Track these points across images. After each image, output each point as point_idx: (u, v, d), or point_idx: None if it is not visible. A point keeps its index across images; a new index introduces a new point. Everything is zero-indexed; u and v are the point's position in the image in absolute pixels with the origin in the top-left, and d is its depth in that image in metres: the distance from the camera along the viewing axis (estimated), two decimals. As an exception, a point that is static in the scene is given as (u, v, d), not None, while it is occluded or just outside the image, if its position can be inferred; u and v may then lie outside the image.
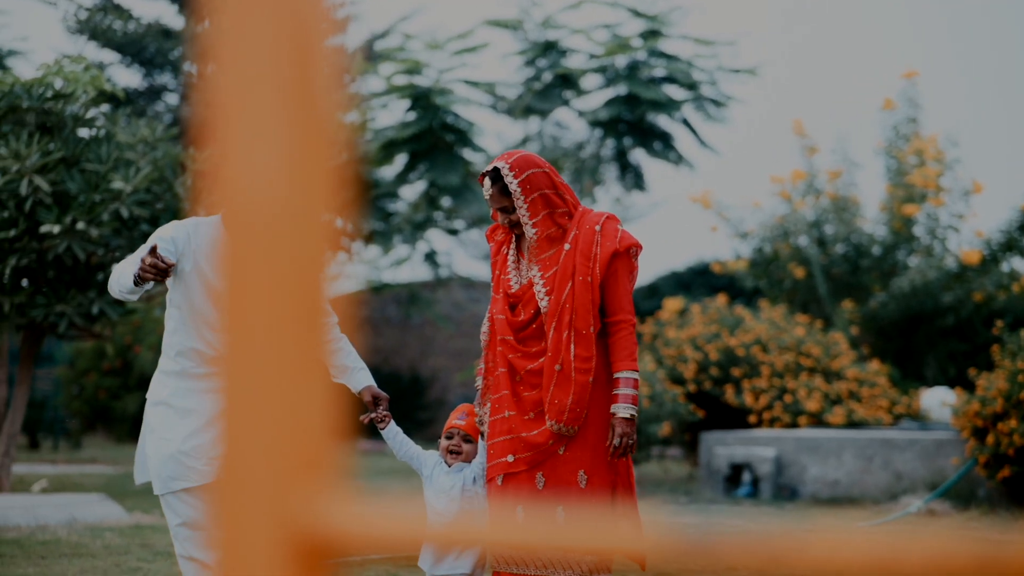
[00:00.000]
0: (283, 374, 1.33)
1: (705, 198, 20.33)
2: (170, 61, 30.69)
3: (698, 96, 21.10)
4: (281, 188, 1.32)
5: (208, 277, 5.68)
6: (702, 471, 15.65)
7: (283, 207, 1.32)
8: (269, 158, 1.32)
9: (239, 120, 1.33)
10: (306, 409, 1.34)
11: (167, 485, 5.72)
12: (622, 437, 5.48)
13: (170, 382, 5.80)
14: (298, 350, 1.34)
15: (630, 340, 5.58)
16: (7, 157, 12.30)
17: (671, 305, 19.29)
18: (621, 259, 5.61)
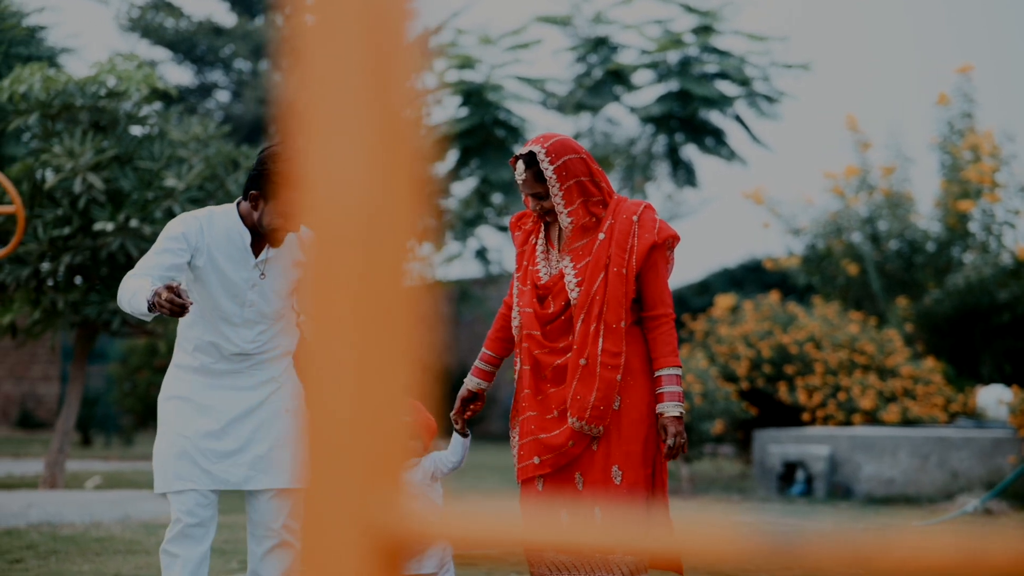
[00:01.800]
0: (365, 375, 1.32)
1: (757, 194, 20.23)
2: (221, 58, 30.83)
3: (750, 92, 21.00)
4: (364, 187, 1.30)
5: (224, 270, 5.50)
6: (755, 469, 15.56)
7: (367, 206, 1.31)
8: (352, 156, 1.31)
9: (321, 119, 1.32)
10: (387, 410, 1.32)
11: (171, 484, 5.51)
12: (676, 437, 5.24)
13: (189, 377, 5.61)
14: (381, 351, 1.31)
15: (671, 335, 5.37)
16: (61, 155, 12.35)
17: (723, 302, 19.21)
18: (659, 251, 5.39)
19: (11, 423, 26.27)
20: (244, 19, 30.65)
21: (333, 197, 1.31)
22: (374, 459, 1.31)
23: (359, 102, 1.31)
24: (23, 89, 12.75)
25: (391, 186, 1.31)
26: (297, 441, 4.82)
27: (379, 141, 1.30)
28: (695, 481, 15.79)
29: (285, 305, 5.64)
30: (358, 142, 1.31)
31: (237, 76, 31.01)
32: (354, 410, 1.31)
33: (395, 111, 1.31)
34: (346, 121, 1.32)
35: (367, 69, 1.31)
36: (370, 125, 1.31)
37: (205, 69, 31.21)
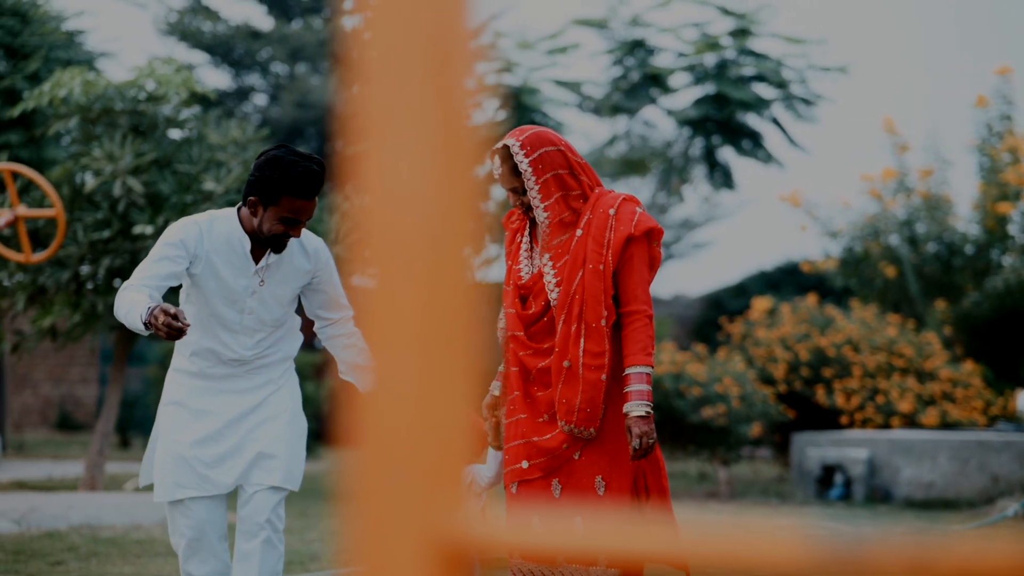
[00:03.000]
0: (426, 382, 1.31)
1: (794, 197, 20.17)
2: (258, 62, 30.90)
3: (787, 95, 20.95)
4: (426, 195, 1.30)
5: (223, 277, 5.39)
6: (793, 472, 15.52)
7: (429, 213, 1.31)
8: (414, 164, 1.31)
9: (383, 128, 1.32)
10: (449, 417, 1.32)
11: (170, 492, 5.42)
12: (640, 438, 5.02)
13: (186, 382, 5.52)
14: (443, 357, 1.31)
15: (644, 333, 5.11)
16: (101, 159, 12.41)
17: (760, 305, 19.16)
18: (637, 244, 5.15)
19: (50, 425, 26.39)
20: (281, 22, 30.72)
21: (396, 205, 1.31)
22: (436, 466, 1.31)
23: (421, 110, 1.31)
24: (63, 93, 12.81)
25: (453, 193, 1.31)
26: (295, 442, 4.76)
27: (441, 148, 1.30)
28: (733, 484, 15.75)
29: (286, 312, 5.56)
30: (420, 149, 1.31)
31: (274, 79, 31.08)
32: (416, 417, 1.31)
33: (456, 118, 1.31)
34: (408, 129, 1.32)
35: (428, 76, 1.31)
36: (432, 133, 1.30)
37: (242, 72, 31.29)
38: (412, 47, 1.33)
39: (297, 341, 5.72)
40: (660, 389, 15.22)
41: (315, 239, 5.60)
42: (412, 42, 1.33)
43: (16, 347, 13.97)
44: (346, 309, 5.74)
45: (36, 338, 13.62)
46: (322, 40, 29.90)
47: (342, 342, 5.72)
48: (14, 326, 17.87)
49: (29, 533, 10.10)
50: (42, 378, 26.53)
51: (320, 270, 5.56)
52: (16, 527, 10.39)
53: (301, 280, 5.53)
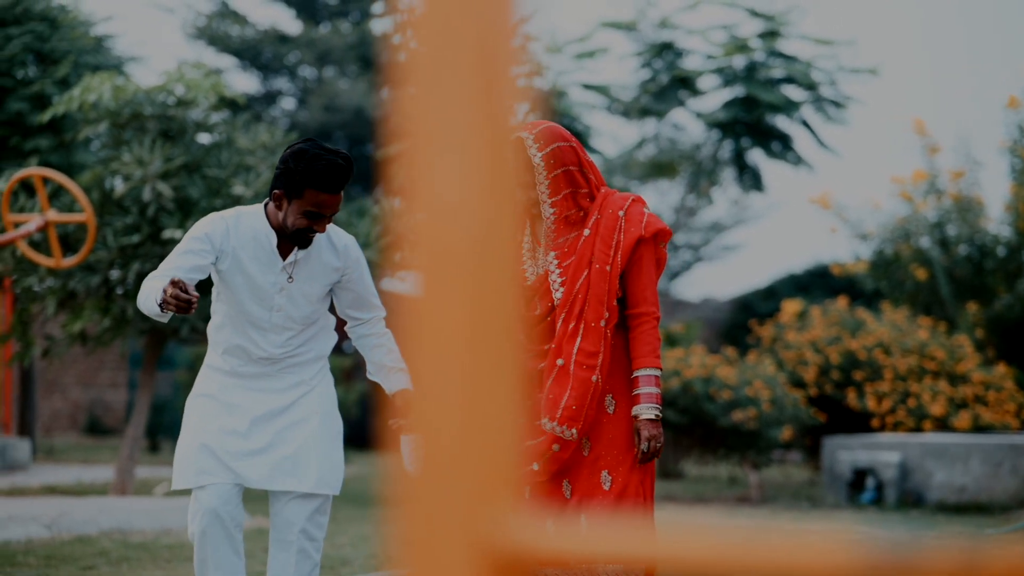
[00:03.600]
0: (475, 389, 1.29)
1: (824, 199, 20.09)
2: (286, 66, 30.95)
3: (817, 97, 20.88)
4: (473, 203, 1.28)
5: (251, 273, 5.35)
6: (824, 476, 15.45)
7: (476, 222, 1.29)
8: (461, 173, 1.29)
9: (430, 133, 1.30)
10: (497, 424, 1.29)
11: (190, 479, 5.34)
12: (649, 441, 5.00)
13: (218, 378, 5.48)
14: (490, 365, 1.29)
15: (652, 335, 5.08)
16: (130, 164, 12.42)
17: (790, 307, 19.10)
18: (646, 246, 5.10)
19: (79, 429, 26.46)
20: (309, 26, 30.76)
21: (441, 211, 1.29)
22: (485, 474, 1.29)
23: (466, 114, 1.29)
24: (93, 98, 12.83)
25: (498, 198, 1.29)
26: (327, 444, 4.73)
27: (486, 153, 1.28)
28: (763, 488, 15.69)
29: (316, 310, 5.50)
30: (465, 154, 1.29)
31: (302, 83, 31.13)
32: (464, 424, 1.29)
33: (501, 123, 1.29)
34: (453, 134, 1.30)
35: (473, 81, 1.29)
36: (477, 137, 1.28)
37: (270, 76, 31.35)
38: (457, 52, 1.31)
39: (331, 340, 5.66)
40: (690, 392, 15.18)
41: (345, 236, 5.54)
42: (457, 47, 1.31)
43: (46, 352, 14.00)
44: (377, 309, 5.70)
45: (66, 343, 13.64)
46: (350, 44, 29.92)
47: (372, 342, 5.67)
48: (44, 331, 17.92)
49: (60, 538, 10.10)
50: (71, 382, 26.60)
51: (350, 268, 5.50)
52: (47, 532, 10.40)
53: (330, 277, 5.47)
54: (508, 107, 1.30)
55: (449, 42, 1.31)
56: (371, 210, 14.64)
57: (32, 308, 13.71)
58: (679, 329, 19.19)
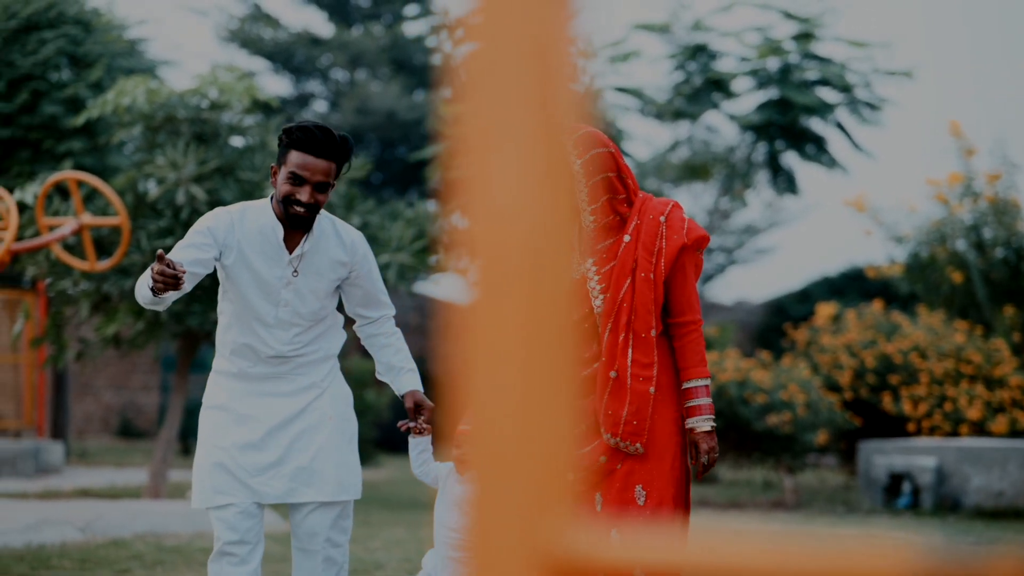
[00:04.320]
0: (533, 398, 1.26)
1: (859, 202, 19.99)
2: (318, 68, 30.99)
3: (852, 99, 20.78)
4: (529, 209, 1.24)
5: (256, 268, 5.27)
6: (860, 480, 15.36)
7: (532, 228, 1.25)
8: (517, 176, 1.25)
9: (488, 141, 1.26)
10: (556, 434, 1.26)
11: (209, 499, 5.28)
12: (708, 454, 4.93)
13: (227, 384, 5.41)
14: (548, 374, 1.25)
15: (700, 344, 5.01)
16: (164, 167, 12.42)
17: (824, 311, 19.02)
18: (688, 253, 5.02)
19: (112, 432, 26.53)
20: (342, 29, 30.79)
21: (498, 217, 1.26)
22: (544, 482, 1.25)
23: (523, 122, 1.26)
24: (127, 102, 12.83)
25: (554, 205, 1.25)
26: (343, 448, 4.68)
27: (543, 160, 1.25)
28: (799, 493, 15.62)
29: (324, 306, 5.41)
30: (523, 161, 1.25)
31: (335, 86, 31.16)
32: (522, 431, 1.25)
33: (558, 129, 1.25)
34: (511, 141, 1.27)
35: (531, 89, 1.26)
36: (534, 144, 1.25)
37: (303, 79, 31.40)
38: (513, 55, 1.29)
39: (340, 339, 5.57)
40: (724, 396, 15.11)
41: (353, 231, 5.48)
42: (513, 51, 1.29)
43: (80, 355, 14.01)
44: (386, 307, 5.62)
45: (100, 346, 13.65)
46: (382, 46, 29.93)
47: (381, 341, 5.60)
48: (78, 334, 17.95)
49: (94, 541, 10.10)
50: (104, 385, 26.68)
51: (357, 263, 5.42)
52: (81, 535, 10.40)
53: (338, 272, 5.39)
54: (563, 110, 1.27)
55: (505, 46, 1.29)
56: (404, 213, 14.62)
57: (66, 311, 13.73)
58: (713, 332, 19.13)
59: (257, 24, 30.69)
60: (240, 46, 30.65)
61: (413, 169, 28.87)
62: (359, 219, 13.76)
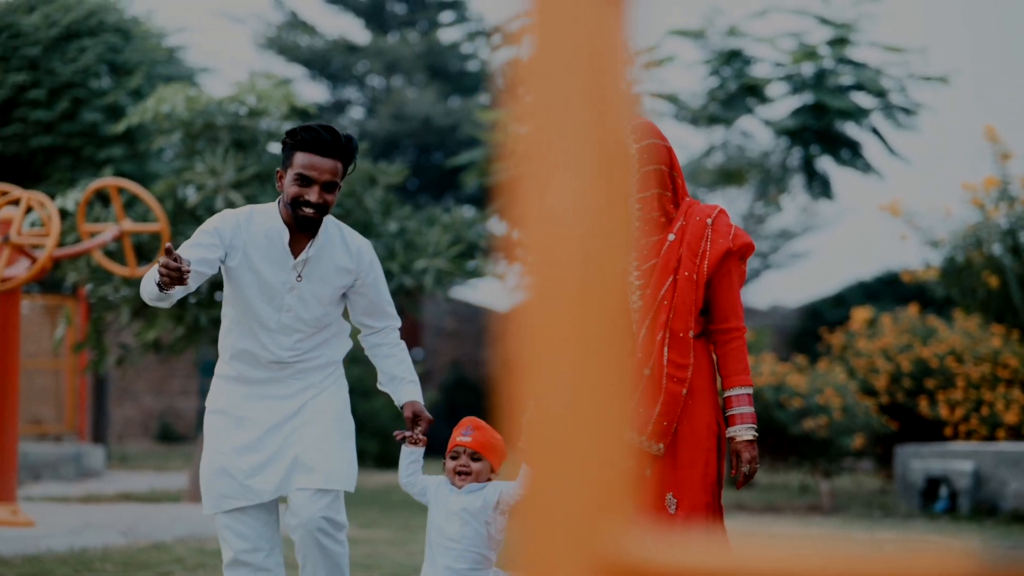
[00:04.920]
0: (589, 403, 1.30)
1: (894, 206, 19.95)
2: (354, 75, 31.08)
3: (887, 104, 20.76)
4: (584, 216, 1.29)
5: (261, 271, 5.24)
6: (896, 485, 15.35)
7: (587, 235, 1.30)
8: (573, 187, 1.30)
9: (545, 150, 1.31)
10: (612, 439, 1.30)
11: (217, 504, 5.32)
12: (750, 463, 4.87)
13: (228, 388, 5.42)
14: (603, 377, 1.30)
15: (743, 351, 4.96)
16: (203, 173, 12.52)
17: (860, 315, 18.99)
18: (733, 259, 4.97)
19: (151, 437, 26.66)
20: (378, 36, 30.88)
21: (553, 224, 1.31)
22: (600, 488, 1.29)
23: (578, 128, 1.30)
24: (167, 109, 12.95)
25: (609, 214, 1.30)
26: (338, 442, 4.65)
27: (598, 170, 1.30)
28: (835, 497, 15.62)
29: (328, 313, 5.39)
30: (578, 171, 1.30)
31: (371, 93, 31.25)
32: (577, 438, 1.30)
33: (613, 139, 1.30)
34: (566, 151, 1.31)
35: (587, 100, 1.31)
36: (590, 154, 1.30)
37: (339, 86, 31.49)
38: (569, 66, 1.32)
39: (344, 347, 5.56)
40: (760, 400, 15.13)
41: (360, 239, 5.47)
42: (569, 61, 1.32)
43: (121, 360, 14.13)
44: (391, 318, 5.61)
45: (140, 352, 13.76)
46: (418, 53, 30.01)
47: (384, 351, 5.58)
48: (119, 339, 18.09)
49: (136, 545, 10.20)
50: (143, 390, 26.82)
51: (363, 271, 5.41)
52: (123, 539, 10.49)
53: (343, 279, 5.38)
54: (619, 120, 1.32)
55: (560, 51, 1.32)
56: (441, 219, 14.69)
57: (107, 317, 13.85)
58: (749, 336, 19.13)
59: (294, 31, 30.81)
60: (277, 53, 30.76)
61: (449, 175, 28.93)
62: (396, 225, 13.83)
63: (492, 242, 15.80)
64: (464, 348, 26.01)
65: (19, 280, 10.75)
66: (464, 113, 28.74)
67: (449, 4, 31.29)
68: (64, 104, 18.09)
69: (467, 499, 5.33)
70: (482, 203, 28.61)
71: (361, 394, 18.96)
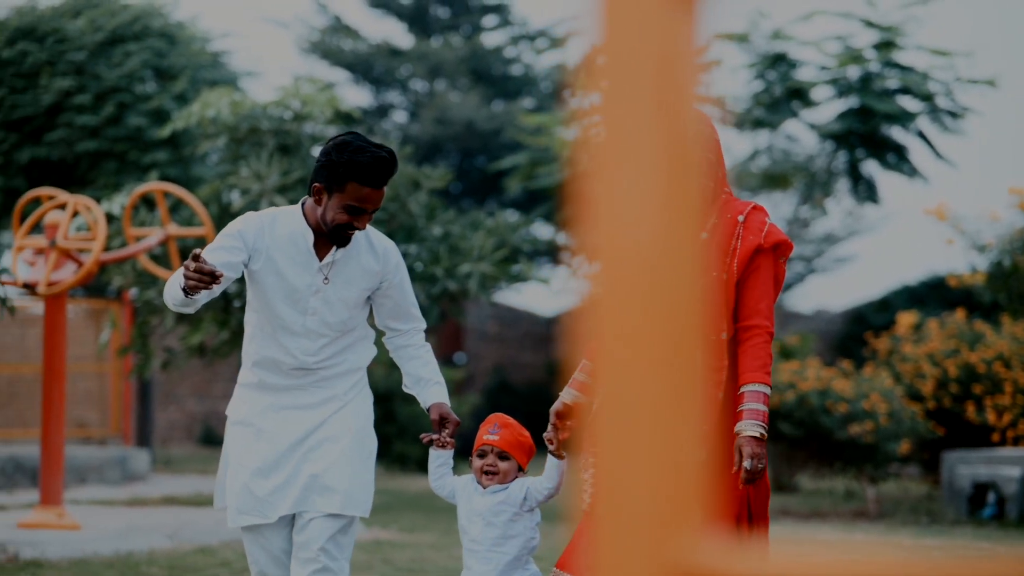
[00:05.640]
0: (660, 410, 1.27)
1: (940, 210, 19.83)
2: (397, 79, 31.13)
3: (933, 107, 20.63)
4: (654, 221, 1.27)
5: (285, 274, 5.11)
6: (943, 491, 15.25)
7: (658, 242, 1.27)
8: (644, 193, 1.28)
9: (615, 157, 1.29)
10: (684, 445, 1.27)
11: (236, 519, 5.22)
12: (752, 459, 4.63)
13: (249, 396, 5.29)
14: (675, 385, 1.27)
15: (763, 350, 4.72)
16: (248, 178, 12.55)
17: (905, 320, 18.88)
18: (764, 256, 4.81)
19: (195, 440, 26.76)
20: (421, 40, 30.93)
21: (624, 231, 1.28)
22: (672, 494, 1.26)
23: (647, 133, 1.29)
24: (211, 113, 12.98)
25: (678, 217, 1.28)
26: (356, 464, 4.57)
27: (667, 172, 1.28)
28: (881, 503, 15.53)
29: (353, 317, 5.26)
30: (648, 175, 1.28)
31: (414, 96, 31.29)
32: (651, 443, 1.27)
33: (680, 140, 1.28)
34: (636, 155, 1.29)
35: (654, 99, 1.28)
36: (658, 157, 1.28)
37: (382, 90, 31.54)
38: (639, 71, 1.30)
39: (369, 353, 5.43)
40: (806, 405, 15.06)
41: (386, 240, 5.34)
42: (638, 65, 1.30)
43: (166, 364, 14.17)
44: (416, 320, 5.50)
45: (185, 355, 13.80)
46: (461, 57, 30.04)
47: (409, 353, 5.47)
48: (163, 343, 18.15)
49: (182, 548, 10.21)
50: (186, 394, 26.92)
51: (389, 273, 5.29)
52: (169, 542, 10.52)
53: (369, 282, 5.25)
54: (687, 123, 1.30)
55: (630, 60, 1.31)
56: (485, 223, 14.67)
57: (152, 321, 13.89)
58: (794, 341, 19.04)
59: (337, 35, 30.88)
60: (320, 57, 30.83)
61: (492, 179, 28.94)
62: (440, 229, 13.83)
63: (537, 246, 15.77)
64: (507, 352, 26.01)
65: (66, 284, 10.79)
66: (507, 117, 28.74)
67: (492, 8, 31.30)
68: (109, 109, 18.17)
69: (490, 499, 5.23)
70: (525, 207, 28.61)
71: (403, 398, 18.97)
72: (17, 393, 18.16)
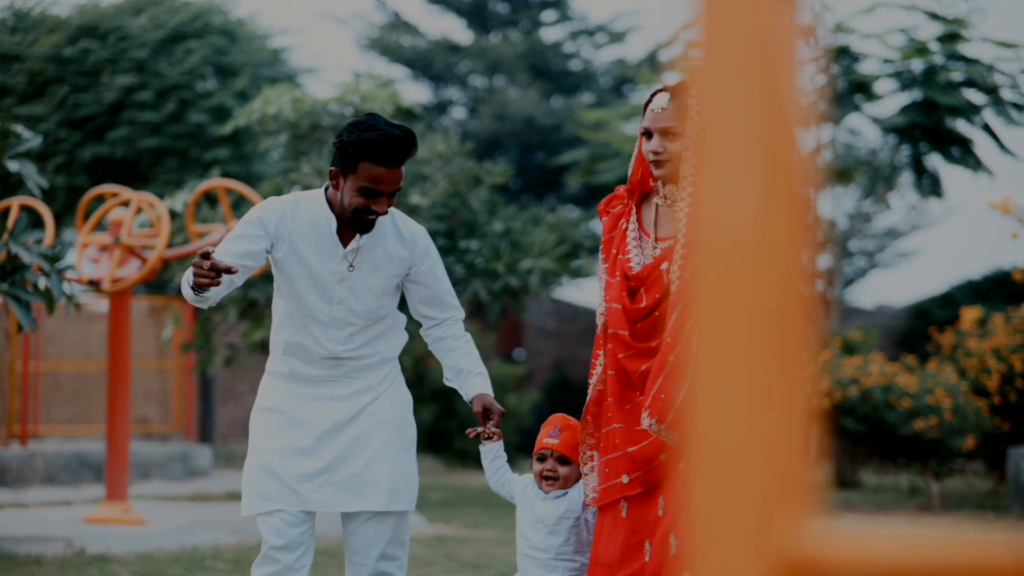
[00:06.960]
0: (762, 394, 1.25)
1: (1005, 204, 19.64)
2: (456, 75, 31.15)
3: (998, 100, 20.43)
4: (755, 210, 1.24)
5: (309, 262, 4.93)
6: (1009, 486, 15.10)
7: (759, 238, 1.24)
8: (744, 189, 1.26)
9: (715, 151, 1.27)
10: (786, 429, 1.24)
11: (255, 505, 4.99)
12: None
13: (279, 385, 5.12)
14: (776, 372, 1.24)
15: None
16: (309, 174, 12.56)
17: (969, 314, 18.72)
18: None
19: (254, 436, 26.86)
20: (480, 36, 30.94)
21: (724, 220, 1.26)
22: (776, 480, 1.24)
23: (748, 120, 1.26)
24: (273, 110, 13.01)
25: (780, 209, 1.25)
26: (398, 455, 4.48)
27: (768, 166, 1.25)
28: (945, 498, 15.40)
29: (382, 305, 5.07)
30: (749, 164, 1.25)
31: (473, 92, 31.31)
32: (753, 429, 1.24)
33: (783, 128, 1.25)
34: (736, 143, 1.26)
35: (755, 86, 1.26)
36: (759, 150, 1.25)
37: (441, 86, 31.58)
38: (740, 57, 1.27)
39: (400, 341, 5.25)
40: (869, 401, 14.95)
41: (413, 224, 5.14)
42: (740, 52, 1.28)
43: (229, 360, 14.21)
44: (454, 309, 5.29)
45: (248, 351, 13.84)
46: (520, 53, 30.02)
47: (448, 344, 5.27)
48: (226, 340, 18.21)
49: (246, 543, 10.24)
50: (246, 390, 27.01)
51: (418, 259, 5.08)
52: (233, 537, 10.55)
53: (397, 269, 5.05)
54: (789, 113, 1.27)
55: (731, 52, 1.28)
56: (546, 218, 14.64)
57: (214, 317, 13.94)
58: (857, 336, 18.92)
59: (396, 32, 30.94)
60: (380, 54, 30.91)
61: (551, 174, 28.91)
62: (501, 225, 13.81)
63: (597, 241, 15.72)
64: (566, 348, 25.95)
65: (130, 281, 10.83)
66: (566, 112, 28.71)
67: (551, 3, 31.27)
68: (171, 106, 18.27)
69: (552, 506, 5.02)
70: (585, 203, 28.56)
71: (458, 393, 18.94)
72: (81, 390, 18.28)
